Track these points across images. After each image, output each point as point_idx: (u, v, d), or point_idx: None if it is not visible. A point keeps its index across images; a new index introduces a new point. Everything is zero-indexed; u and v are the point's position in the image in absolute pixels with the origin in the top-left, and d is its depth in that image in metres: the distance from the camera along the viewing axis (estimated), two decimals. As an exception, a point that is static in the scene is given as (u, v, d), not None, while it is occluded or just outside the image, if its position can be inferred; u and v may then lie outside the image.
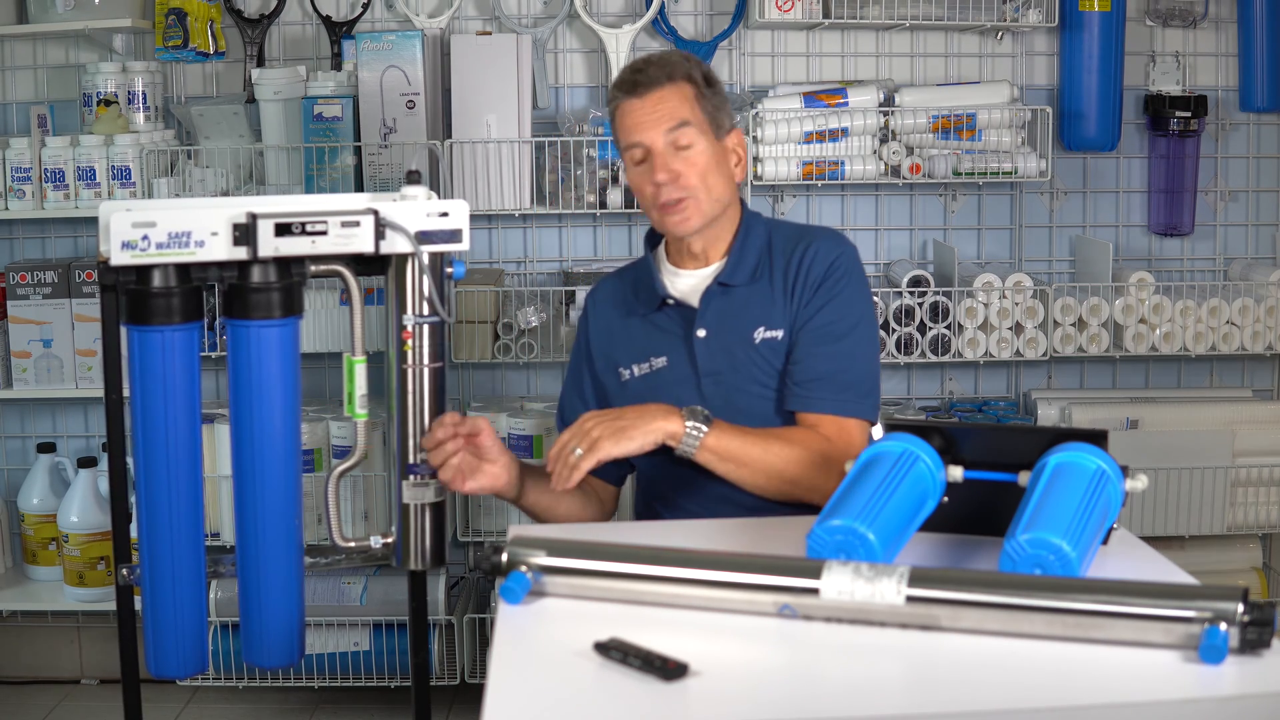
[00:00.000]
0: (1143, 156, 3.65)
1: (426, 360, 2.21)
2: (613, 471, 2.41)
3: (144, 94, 3.43)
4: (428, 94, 3.29)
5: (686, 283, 2.36)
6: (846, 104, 3.41)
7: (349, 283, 2.15)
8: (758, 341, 2.30)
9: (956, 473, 1.81)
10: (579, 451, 2.09)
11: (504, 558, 1.70)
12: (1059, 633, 1.51)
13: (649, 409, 2.15)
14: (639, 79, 2.29)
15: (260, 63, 3.48)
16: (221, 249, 2.08)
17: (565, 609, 1.67)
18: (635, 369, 2.36)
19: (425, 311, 2.19)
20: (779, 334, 2.30)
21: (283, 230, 2.09)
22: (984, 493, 1.81)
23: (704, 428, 2.14)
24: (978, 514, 1.83)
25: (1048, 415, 3.51)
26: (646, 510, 2.41)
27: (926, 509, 1.79)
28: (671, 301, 2.35)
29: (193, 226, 2.07)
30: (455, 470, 2.17)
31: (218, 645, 3.32)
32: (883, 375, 3.63)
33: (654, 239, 2.44)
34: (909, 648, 1.53)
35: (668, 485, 2.33)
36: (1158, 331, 3.44)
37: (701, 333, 2.31)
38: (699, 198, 2.27)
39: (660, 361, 2.34)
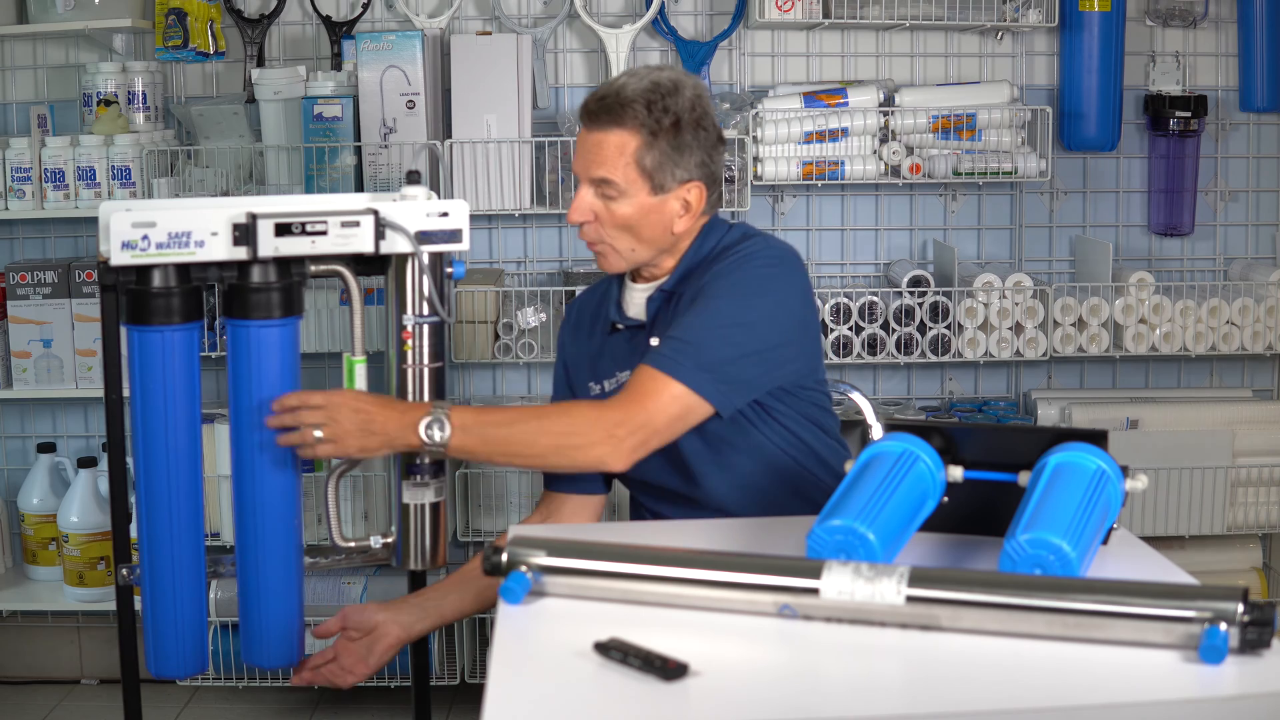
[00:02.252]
0: (1143, 156, 3.65)
1: (426, 360, 2.21)
2: (596, 483, 2.39)
3: (144, 94, 3.43)
4: (428, 94, 3.29)
5: (643, 295, 2.30)
6: (846, 104, 3.41)
7: (349, 283, 2.15)
8: None
9: (956, 473, 1.81)
10: (319, 434, 2.06)
11: (504, 558, 1.70)
12: (1059, 633, 1.51)
13: (397, 418, 2.07)
14: (595, 109, 2.19)
15: (260, 63, 3.47)
16: (221, 249, 2.08)
17: (565, 609, 1.67)
18: (605, 383, 2.33)
19: (425, 311, 2.19)
20: None
21: (283, 230, 2.09)
22: (984, 493, 1.81)
23: (443, 435, 2.06)
24: (978, 514, 1.83)
25: (1048, 415, 3.51)
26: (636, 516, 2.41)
27: (926, 509, 1.79)
28: (621, 326, 2.31)
29: (193, 226, 2.07)
30: (334, 671, 2.28)
31: (218, 645, 3.32)
32: (883, 375, 3.71)
33: None
34: (909, 648, 1.53)
35: (650, 498, 2.32)
36: (1158, 331, 3.44)
37: (654, 341, 2.25)
38: (616, 247, 2.22)
39: (624, 375, 2.29)
